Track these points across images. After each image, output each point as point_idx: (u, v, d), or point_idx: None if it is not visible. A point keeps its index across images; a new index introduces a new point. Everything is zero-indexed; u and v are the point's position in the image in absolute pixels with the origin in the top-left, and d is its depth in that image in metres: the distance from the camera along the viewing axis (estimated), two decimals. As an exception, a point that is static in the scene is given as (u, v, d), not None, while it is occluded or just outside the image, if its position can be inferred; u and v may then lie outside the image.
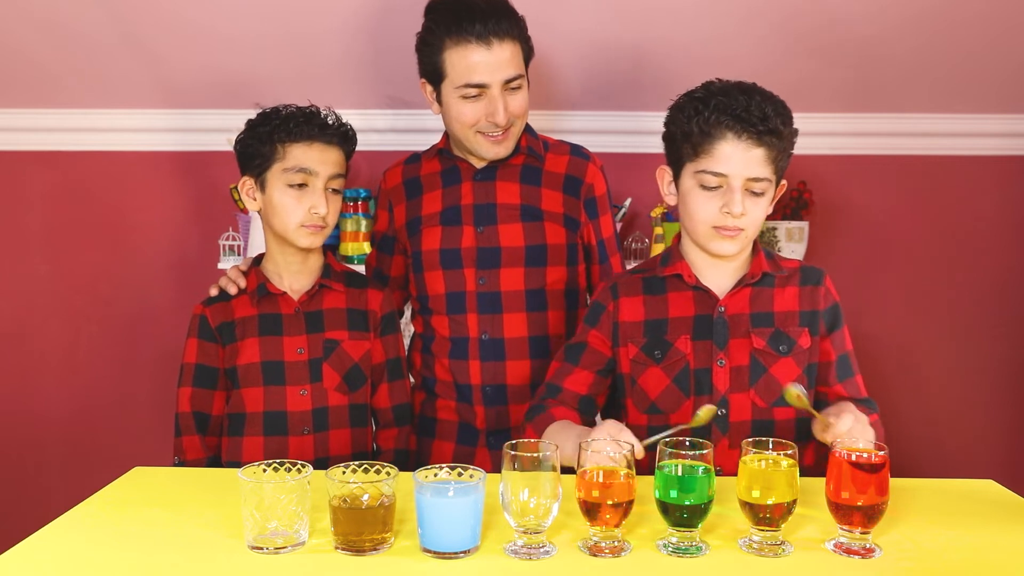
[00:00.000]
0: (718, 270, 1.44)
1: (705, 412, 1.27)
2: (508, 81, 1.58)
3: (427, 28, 1.61)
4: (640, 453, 1.16)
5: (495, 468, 1.54)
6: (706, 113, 1.34)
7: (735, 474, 1.13)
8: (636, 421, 1.45)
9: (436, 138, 1.81)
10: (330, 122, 1.58)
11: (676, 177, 1.44)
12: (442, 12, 1.59)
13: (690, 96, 1.39)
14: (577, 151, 1.75)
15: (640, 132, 2.53)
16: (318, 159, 1.55)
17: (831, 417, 1.23)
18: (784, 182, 1.43)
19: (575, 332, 1.71)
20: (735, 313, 1.43)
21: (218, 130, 2.38)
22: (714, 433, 1.39)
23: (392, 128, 2.49)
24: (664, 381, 1.43)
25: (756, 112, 1.31)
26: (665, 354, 1.43)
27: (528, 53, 1.64)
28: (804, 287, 1.45)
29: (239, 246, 2.41)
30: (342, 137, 1.59)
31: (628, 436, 1.17)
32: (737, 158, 1.33)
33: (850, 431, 1.20)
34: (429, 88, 1.66)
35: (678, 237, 1.49)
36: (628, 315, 1.47)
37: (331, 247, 2.38)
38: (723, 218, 1.35)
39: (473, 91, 1.58)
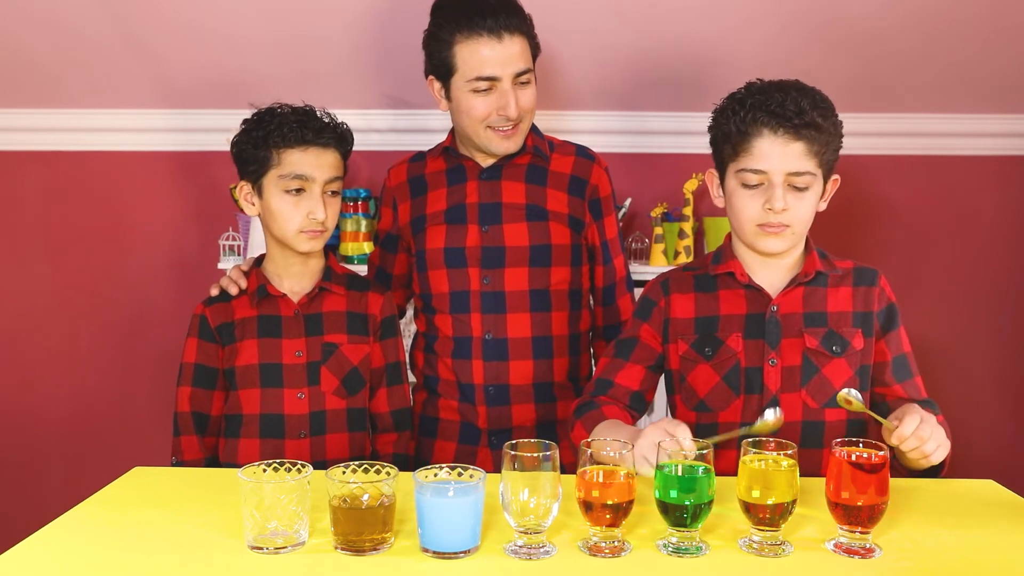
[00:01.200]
0: (770, 269, 1.44)
1: (775, 421, 1.24)
2: (518, 75, 1.59)
3: (436, 24, 1.62)
4: (692, 451, 1.13)
5: (497, 468, 1.54)
6: (742, 112, 1.35)
7: (728, 473, 1.12)
8: (684, 418, 1.44)
9: (437, 138, 1.81)
10: (326, 122, 1.56)
11: (722, 179, 1.43)
12: (452, 8, 1.60)
13: (731, 97, 1.40)
14: (583, 152, 1.76)
15: (639, 132, 2.53)
16: (314, 164, 1.53)
17: (895, 420, 1.22)
18: (837, 177, 1.42)
19: (577, 328, 1.71)
20: (788, 312, 1.42)
21: (218, 130, 2.38)
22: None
23: (392, 128, 2.49)
24: (714, 379, 1.42)
25: (791, 107, 1.31)
26: (716, 351, 1.42)
27: (535, 50, 1.65)
28: (858, 287, 1.44)
29: (239, 246, 2.41)
30: (338, 139, 1.57)
31: (683, 432, 1.16)
32: (775, 153, 1.33)
33: (917, 432, 1.18)
34: (437, 85, 1.66)
35: (729, 236, 1.48)
36: (679, 311, 1.47)
37: (331, 247, 2.38)
38: (766, 215, 1.35)
39: (484, 84, 1.58)
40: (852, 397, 1.25)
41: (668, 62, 2.29)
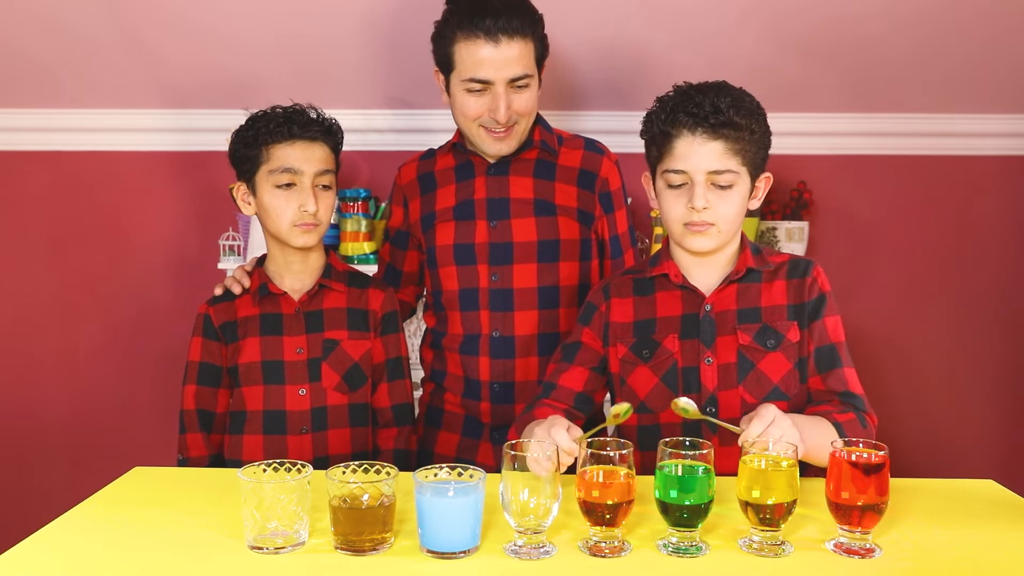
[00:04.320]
0: (704, 269, 1.45)
1: (623, 411, 1.26)
2: (513, 80, 1.58)
3: (443, 18, 1.62)
4: (570, 452, 1.16)
5: (498, 462, 1.54)
6: (663, 115, 1.38)
7: (728, 472, 1.13)
8: (626, 420, 1.45)
9: (437, 138, 1.82)
10: (312, 117, 1.57)
11: (653, 181, 1.45)
12: (460, 4, 1.59)
13: (657, 100, 1.42)
14: (591, 145, 1.76)
15: (638, 132, 2.53)
16: (301, 157, 1.55)
17: (745, 422, 1.19)
18: (768, 175, 1.43)
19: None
20: (722, 310, 1.43)
21: (218, 130, 2.38)
22: (704, 431, 1.39)
23: (392, 128, 2.49)
24: (652, 380, 1.44)
25: (708, 107, 1.33)
26: (653, 353, 1.44)
27: (542, 52, 1.64)
28: (791, 280, 1.44)
29: (239, 246, 2.41)
30: (325, 132, 1.58)
31: (559, 434, 1.17)
32: (694, 153, 1.35)
33: (761, 438, 1.14)
34: (441, 78, 1.67)
35: (667, 239, 1.49)
36: (618, 316, 1.49)
37: (332, 247, 2.38)
38: (690, 214, 1.36)
39: (477, 86, 1.58)
40: (685, 404, 1.27)
41: (668, 62, 2.29)
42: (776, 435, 1.15)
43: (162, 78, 2.36)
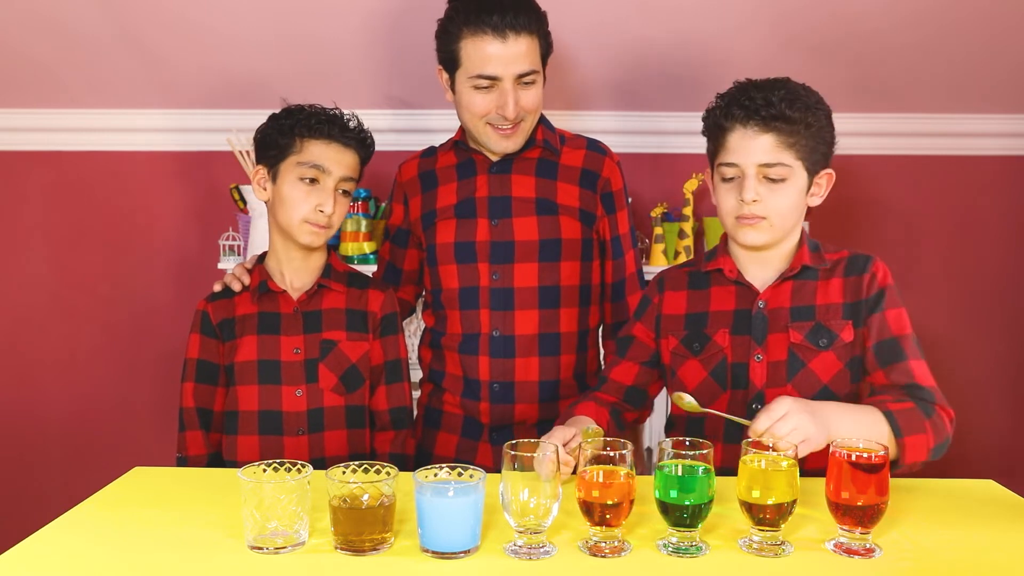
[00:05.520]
0: (761, 265, 1.44)
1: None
2: (521, 76, 1.58)
3: (448, 16, 1.62)
4: (567, 462, 1.21)
5: (497, 463, 1.54)
6: (718, 110, 1.39)
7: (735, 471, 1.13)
8: (677, 412, 1.46)
9: (437, 138, 1.81)
10: (352, 126, 1.60)
11: (713, 176, 1.46)
12: (465, 1, 1.59)
13: (716, 96, 1.42)
14: (594, 145, 1.76)
15: (639, 132, 2.54)
16: (334, 158, 1.57)
17: (762, 415, 1.18)
18: (830, 172, 1.42)
19: (586, 324, 1.74)
20: (775, 307, 1.42)
21: (218, 130, 2.39)
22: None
23: (392, 128, 2.49)
24: (701, 374, 1.44)
25: (760, 100, 1.33)
26: (703, 347, 1.44)
27: (547, 49, 1.64)
28: (848, 277, 1.42)
29: (239, 246, 2.41)
30: (360, 142, 1.61)
31: (556, 439, 1.24)
32: (744, 146, 1.35)
33: (772, 430, 1.15)
34: (445, 76, 1.66)
35: (725, 235, 1.49)
36: (671, 308, 1.50)
37: (332, 247, 2.37)
38: (741, 207, 1.37)
39: (485, 82, 1.58)
40: (684, 397, 1.29)
41: (669, 62, 2.29)
42: (784, 430, 1.15)
43: (162, 78, 2.36)
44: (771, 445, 1.13)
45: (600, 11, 2.16)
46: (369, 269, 2.10)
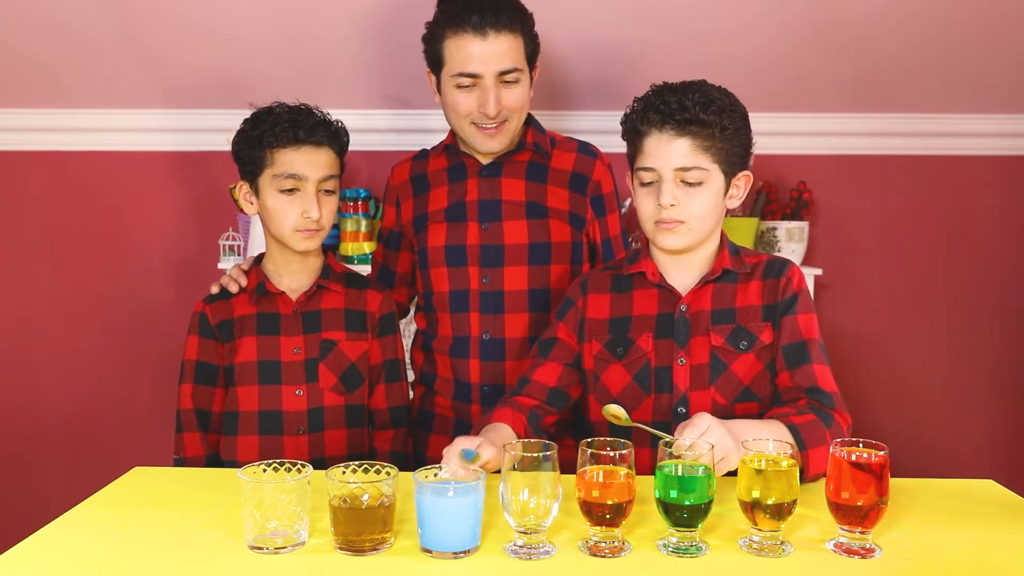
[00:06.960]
0: (682, 269, 1.45)
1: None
2: (503, 73, 1.58)
3: (434, 18, 1.63)
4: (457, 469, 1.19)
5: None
6: (634, 114, 1.39)
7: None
8: (598, 417, 1.45)
9: (436, 138, 1.81)
10: (319, 120, 1.56)
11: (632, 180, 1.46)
12: (449, 4, 1.60)
13: (634, 99, 1.42)
14: (584, 148, 1.76)
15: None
16: (307, 162, 1.53)
17: (680, 430, 1.18)
18: (747, 174, 1.42)
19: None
20: (697, 311, 1.42)
21: (218, 130, 2.38)
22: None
23: (392, 128, 2.49)
24: (625, 378, 1.44)
25: (674, 104, 1.33)
26: (627, 351, 1.44)
27: (533, 49, 1.64)
28: (766, 280, 1.43)
29: (239, 246, 2.41)
30: (331, 137, 1.57)
31: (451, 456, 1.21)
32: (660, 150, 1.35)
33: (696, 446, 1.13)
34: (433, 78, 1.67)
35: (646, 238, 1.49)
36: (594, 312, 1.49)
37: (331, 247, 2.38)
38: (659, 211, 1.37)
39: (467, 80, 1.59)
40: (615, 411, 1.28)
41: (665, 63, 2.29)
42: (703, 444, 1.14)
43: (162, 78, 2.36)
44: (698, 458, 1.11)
45: (594, 12, 2.16)
46: (369, 270, 2.10)
